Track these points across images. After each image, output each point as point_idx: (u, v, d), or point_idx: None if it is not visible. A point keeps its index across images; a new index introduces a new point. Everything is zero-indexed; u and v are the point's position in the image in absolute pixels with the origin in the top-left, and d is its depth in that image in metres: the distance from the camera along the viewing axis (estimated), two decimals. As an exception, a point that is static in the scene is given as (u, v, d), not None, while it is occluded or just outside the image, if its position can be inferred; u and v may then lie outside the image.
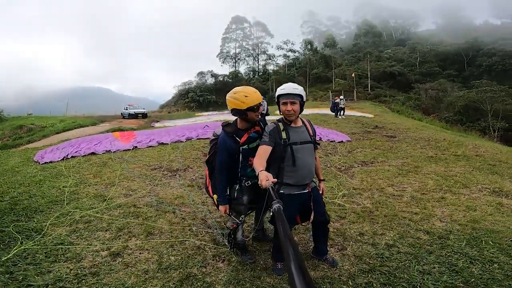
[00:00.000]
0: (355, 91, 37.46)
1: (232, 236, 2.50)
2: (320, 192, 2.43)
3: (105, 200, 3.90)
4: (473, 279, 2.15)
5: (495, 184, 4.56)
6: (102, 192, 4.29)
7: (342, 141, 8.71)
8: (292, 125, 2.19)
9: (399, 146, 8.13)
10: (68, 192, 4.19)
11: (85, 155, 6.68)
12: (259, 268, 2.42)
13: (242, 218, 2.50)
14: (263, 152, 2.07)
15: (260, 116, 2.34)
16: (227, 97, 2.26)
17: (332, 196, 4.12)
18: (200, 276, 2.30)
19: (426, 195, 4.10)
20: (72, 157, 6.58)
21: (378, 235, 2.91)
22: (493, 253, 2.49)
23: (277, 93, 2.17)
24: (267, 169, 2.02)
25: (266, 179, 1.65)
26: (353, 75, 38.79)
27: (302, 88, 2.16)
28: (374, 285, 2.15)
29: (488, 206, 3.63)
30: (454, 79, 43.29)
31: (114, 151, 7.00)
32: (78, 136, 10.47)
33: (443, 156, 6.77)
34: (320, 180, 2.51)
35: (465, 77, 43.66)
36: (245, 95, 2.17)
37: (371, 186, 4.57)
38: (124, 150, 7.20)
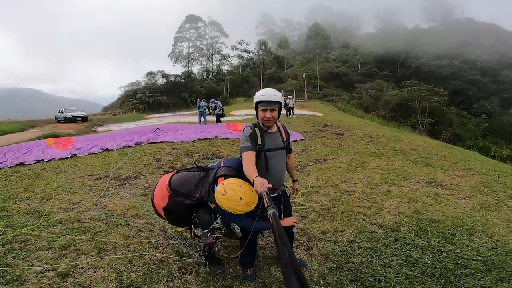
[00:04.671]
0: (305, 91, 39.39)
1: (208, 250, 2.38)
2: (293, 192, 2.53)
3: (42, 216, 3.38)
4: (428, 269, 2.36)
5: (429, 175, 5.19)
6: (37, 207, 3.71)
7: (296, 140, 9.01)
8: (268, 131, 2.19)
9: (347, 143, 8.75)
10: (-6, 209, 3.55)
11: (12, 166, 5.70)
12: (229, 277, 2.34)
13: (224, 230, 2.39)
14: (250, 158, 2.03)
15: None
16: (219, 198, 1.99)
17: (292, 196, 4.22)
18: None
19: (374, 189, 4.46)
20: (-5, 169, 5.58)
21: (339, 232, 3.05)
22: (439, 243, 2.78)
23: (256, 99, 2.11)
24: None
25: (261, 185, 1.67)
26: (303, 75, 40.70)
27: (280, 94, 2.15)
28: (344, 282, 2.23)
29: (427, 196, 4.10)
30: (389, 79, 48.51)
31: (48, 160, 6.11)
32: (2, 144, 8.92)
33: (384, 151, 7.48)
34: (293, 181, 2.55)
35: (398, 78, 49.17)
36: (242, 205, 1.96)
37: (326, 184, 4.80)
38: (60, 159, 6.31)
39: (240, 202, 1.93)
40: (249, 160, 2.02)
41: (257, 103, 2.12)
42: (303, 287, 0.73)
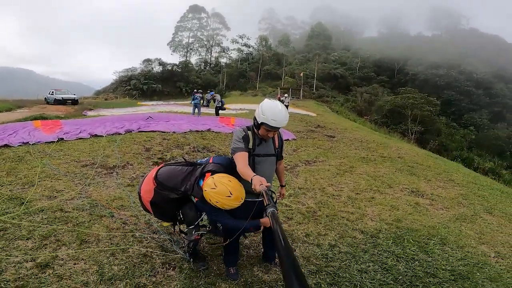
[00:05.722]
0: (301, 90, 39.48)
1: (193, 247, 2.40)
2: (279, 197, 2.55)
3: (23, 203, 3.31)
4: (400, 277, 2.47)
5: (413, 184, 5.34)
6: (19, 193, 3.62)
7: (288, 139, 9.06)
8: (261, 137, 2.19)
9: (338, 146, 8.86)
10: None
11: (-5, 147, 5.55)
12: (213, 274, 2.38)
13: (209, 227, 2.43)
14: (244, 158, 2.04)
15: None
16: (209, 192, 2.01)
17: (279, 200, 4.26)
18: (151, 286, 2.17)
19: (359, 195, 4.56)
20: (-22, 150, 5.41)
21: (322, 235, 3.13)
22: (414, 251, 2.90)
23: (264, 120, 2.02)
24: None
25: (260, 183, 1.68)
26: (301, 74, 40.73)
27: (288, 114, 2.11)
28: (322, 285, 2.31)
29: (408, 205, 4.24)
30: (385, 84, 48.95)
31: (33, 143, 5.96)
32: (-13, 123, 8.65)
33: (373, 157, 7.62)
34: (281, 186, 2.58)
35: (394, 84, 49.66)
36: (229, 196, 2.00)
37: (314, 186, 4.88)
38: (46, 142, 6.14)
39: (229, 196, 1.95)
40: (243, 160, 2.02)
41: (263, 123, 2.03)
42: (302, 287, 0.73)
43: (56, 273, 2.21)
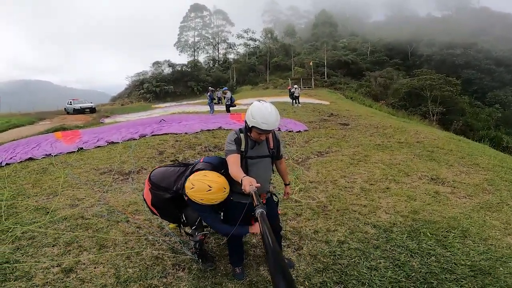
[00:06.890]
0: (312, 79, 38.79)
1: (199, 247, 2.47)
2: (284, 196, 2.57)
3: (48, 212, 3.55)
4: (413, 273, 2.35)
5: (433, 171, 5.05)
6: (44, 203, 3.89)
7: (299, 131, 8.96)
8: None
9: (351, 135, 8.63)
10: (5, 206, 3.75)
11: (21, 161, 5.92)
12: (219, 274, 2.44)
13: (209, 229, 2.48)
14: (235, 160, 2.05)
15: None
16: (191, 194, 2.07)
17: (290, 191, 4.24)
18: (162, 287, 2.28)
19: (373, 186, 4.41)
20: (6, 164, 5.79)
21: (331, 231, 3.06)
22: (430, 245, 2.73)
23: (254, 124, 2.00)
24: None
25: (249, 184, 1.69)
26: (310, 63, 39.99)
27: (279, 116, 2.06)
28: (328, 284, 2.27)
29: (427, 195, 4.00)
30: (399, 67, 47.17)
31: (56, 155, 6.31)
32: (13, 138, 9.22)
33: (389, 144, 7.35)
34: (285, 184, 2.57)
35: (409, 66, 47.80)
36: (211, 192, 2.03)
37: (325, 179, 4.79)
38: (67, 152, 6.51)
39: (210, 190, 1.98)
40: (234, 162, 2.03)
41: (254, 126, 2.00)
42: None
43: (79, 277, 2.38)
